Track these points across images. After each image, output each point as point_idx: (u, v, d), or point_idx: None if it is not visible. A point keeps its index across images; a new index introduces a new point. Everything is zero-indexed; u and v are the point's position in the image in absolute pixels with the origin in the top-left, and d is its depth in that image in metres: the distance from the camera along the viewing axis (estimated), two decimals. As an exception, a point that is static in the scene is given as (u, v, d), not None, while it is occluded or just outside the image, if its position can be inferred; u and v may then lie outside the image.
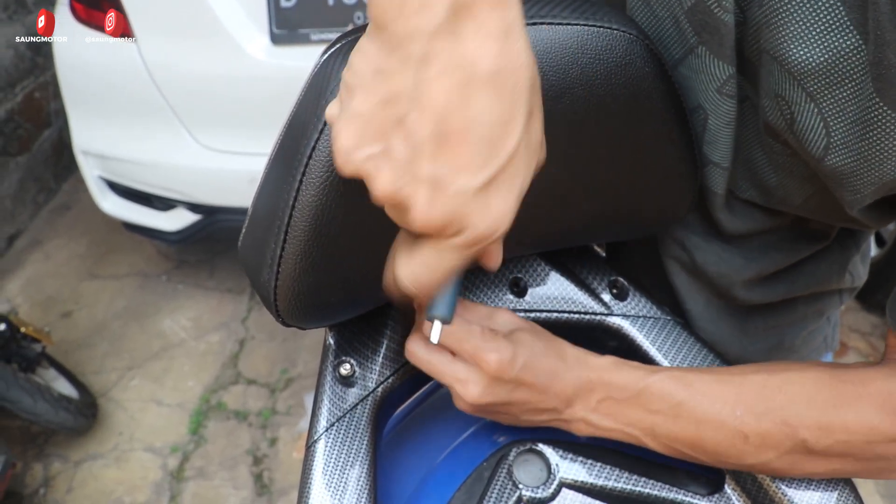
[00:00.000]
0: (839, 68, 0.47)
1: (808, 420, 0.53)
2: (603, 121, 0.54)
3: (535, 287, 0.67)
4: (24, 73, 2.72)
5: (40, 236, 2.77)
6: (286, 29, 1.81)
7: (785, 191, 0.59)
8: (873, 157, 0.47)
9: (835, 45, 0.47)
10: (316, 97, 0.48)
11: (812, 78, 0.48)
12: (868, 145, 0.47)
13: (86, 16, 1.91)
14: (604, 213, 0.61)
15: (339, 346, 0.63)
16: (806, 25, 0.47)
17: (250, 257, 0.57)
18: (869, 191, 0.50)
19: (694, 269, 0.70)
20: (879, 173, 0.48)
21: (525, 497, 0.61)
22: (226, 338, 2.35)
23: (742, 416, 0.55)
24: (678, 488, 0.63)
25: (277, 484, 1.96)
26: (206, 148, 1.97)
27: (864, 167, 0.49)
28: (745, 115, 0.58)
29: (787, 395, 0.54)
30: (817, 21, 0.47)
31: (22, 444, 2.05)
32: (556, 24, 0.50)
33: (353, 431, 0.60)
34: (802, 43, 0.48)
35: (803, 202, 0.59)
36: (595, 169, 0.57)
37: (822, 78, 0.48)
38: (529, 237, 0.61)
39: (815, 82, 0.48)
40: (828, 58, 0.47)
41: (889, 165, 0.47)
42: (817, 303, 0.75)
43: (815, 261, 0.70)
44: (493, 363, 0.54)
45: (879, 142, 0.46)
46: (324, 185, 0.48)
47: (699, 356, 0.65)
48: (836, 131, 0.49)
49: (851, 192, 0.51)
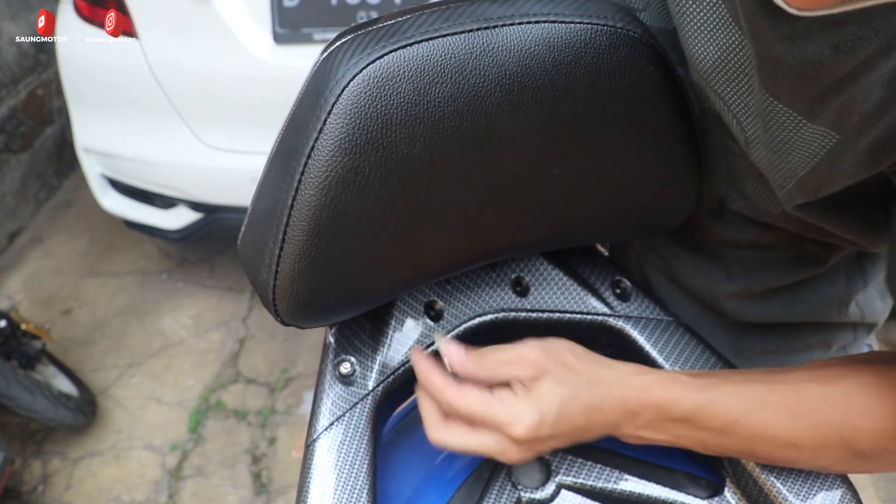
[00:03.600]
0: (731, 63, 0.48)
1: (863, 433, 0.52)
2: (606, 120, 0.54)
3: (538, 286, 0.67)
4: (28, 70, 2.72)
5: (41, 233, 2.77)
6: (289, 28, 1.81)
7: (762, 199, 0.58)
8: (780, 150, 0.48)
9: (723, 41, 0.48)
10: (315, 96, 0.48)
11: (713, 75, 0.50)
12: (772, 138, 0.48)
13: (89, 13, 1.91)
14: (607, 213, 0.61)
15: (339, 345, 0.63)
16: (698, 25, 0.49)
17: (249, 257, 0.57)
18: (790, 185, 0.49)
19: (674, 279, 0.69)
20: (790, 167, 0.48)
21: (524, 499, 0.61)
22: (226, 336, 2.35)
23: (795, 427, 0.53)
24: (678, 490, 0.62)
25: (276, 483, 1.96)
26: (207, 146, 1.97)
27: (777, 161, 0.49)
28: (706, 117, 0.58)
29: (843, 409, 0.52)
30: (706, 20, 0.48)
31: (21, 441, 2.05)
32: (561, 23, 0.50)
33: (352, 431, 0.60)
34: (698, 42, 0.50)
35: (781, 212, 0.57)
36: (598, 168, 0.56)
37: (720, 74, 0.50)
38: (532, 237, 0.61)
39: (716, 79, 0.50)
40: (720, 54, 0.49)
41: (795, 158, 0.47)
42: (822, 333, 0.73)
43: (813, 287, 0.68)
44: (522, 433, 0.52)
45: (779, 134, 0.47)
46: (322, 184, 0.48)
47: (702, 359, 0.65)
48: (747, 126, 0.50)
49: (779, 188, 0.51)
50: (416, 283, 0.61)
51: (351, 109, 0.46)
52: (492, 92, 0.49)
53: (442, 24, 0.48)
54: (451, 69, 0.48)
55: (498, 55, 0.48)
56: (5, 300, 2.46)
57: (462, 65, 0.48)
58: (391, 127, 0.48)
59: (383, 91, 0.47)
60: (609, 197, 0.59)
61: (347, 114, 0.47)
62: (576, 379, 0.55)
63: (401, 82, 0.47)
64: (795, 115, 0.45)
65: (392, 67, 0.47)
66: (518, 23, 0.49)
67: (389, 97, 0.47)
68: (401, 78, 0.47)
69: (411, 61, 0.47)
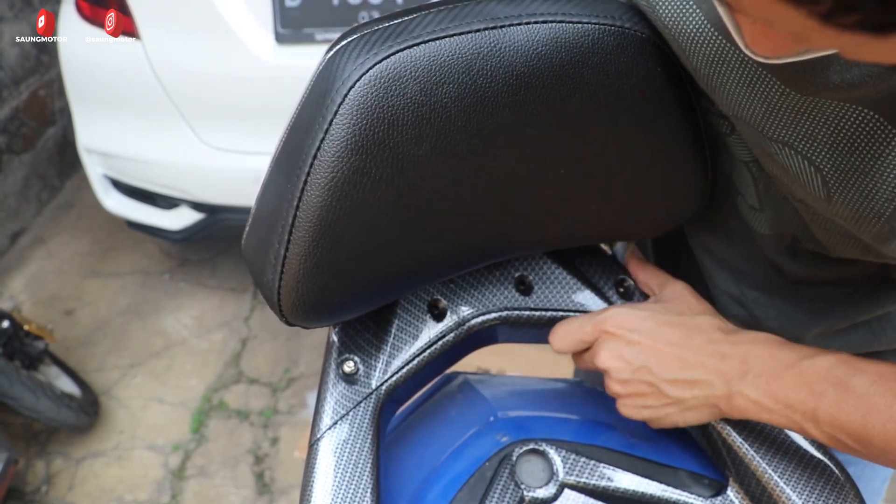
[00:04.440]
0: (785, 105, 0.47)
1: None
2: (613, 120, 0.53)
3: (541, 285, 0.67)
4: (30, 71, 2.72)
5: (43, 234, 2.77)
6: (291, 28, 1.81)
7: (835, 246, 0.55)
8: (870, 173, 0.45)
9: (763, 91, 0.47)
10: (321, 96, 0.48)
11: (769, 125, 0.48)
12: (860, 160, 0.45)
13: (91, 13, 1.91)
14: (612, 212, 0.61)
15: (342, 344, 0.63)
16: (736, 85, 0.48)
17: (254, 257, 0.57)
18: (878, 226, 0.46)
19: (756, 325, 0.66)
20: (881, 200, 0.45)
21: (527, 497, 0.61)
22: (228, 336, 2.35)
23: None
24: (681, 489, 0.62)
25: (278, 483, 1.96)
26: (209, 147, 1.98)
27: (865, 198, 0.46)
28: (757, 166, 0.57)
29: None
30: (743, 79, 0.47)
31: (24, 442, 2.05)
32: (568, 22, 0.50)
33: (356, 429, 0.60)
34: (743, 100, 0.48)
35: (861, 251, 0.53)
36: (604, 168, 0.56)
37: (774, 121, 0.48)
38: (537, 236, 0.61)
39: (774, 126, 0.48)
40: (766, 106, 0.47)
41: (887, 187, 0.45)
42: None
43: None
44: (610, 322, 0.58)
45: (868, 149, 0.45)
46: (329, 185, 0.48)
47: None
48: (824, 164, 0.47)
49: (868, 230, 0.48)
50: (420, 282, 0.61)
51: (358, 109, 0.46)
52: (499, 92, 0.49)
53: (449, 24, 0.48)
54: (458, 69, 0.48)
55: (505, 55, 0.48)
56: (8, 301, 2.46)
57: (469, 65, 0.48)
58: (398, 127, 0.47)
59: (390, 91, 0.47)
60: (613, 197, 0.59)
61: (354, 114, 0.46)
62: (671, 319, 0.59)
63: (408, 82, 0.47)
64: (885, 122, 0.43)
65: (399, 67, 0.47)
66: (525, 22, 0.49)
67: (396, 97, 0.47)
68: (408, 78, 0.47)
69: (418, 61, 0.47)
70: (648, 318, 0.58)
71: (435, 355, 0.64)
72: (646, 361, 0.57)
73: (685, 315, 0.59)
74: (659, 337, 0.57)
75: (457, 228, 0.55)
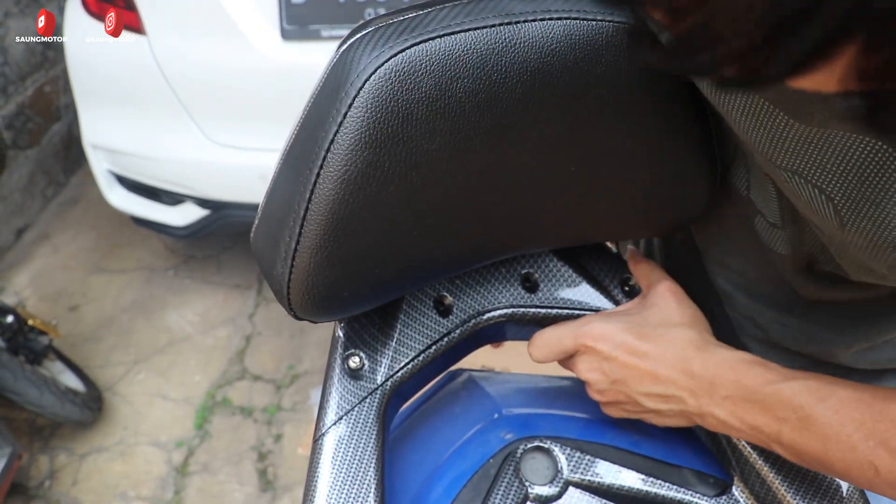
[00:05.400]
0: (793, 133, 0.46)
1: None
2: (623, 118, 0.53)
3: (547, 283, 0.67)
4: (35, 66, 2.73)
5: (49, 229, 2.77)
6: (297, 25, 1.82)
7: (852, 271, 0.53)
8: (884, 200, 0.44)
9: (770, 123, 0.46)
10: (334, 90, 0.48)
11: (777, 153, 0.47)
12: (877, 177, 0.44)
13: (97, 10, 1.91)
14: (620, 211, 0.60)
15: (348, 339, 0.63)
16: (741, 114, 0.47)
17: (263, 250, 0.57)
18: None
19: (774, 345, 0.66)
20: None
21: (531, 495, 0.61)
22: (232, 333, 2.35)
23: (874, 449, 0.49)
24: (686, 489, 0.62)
25: (282, 480, 1.96)
26: (215, 143, 1.98)
27: (882, 225, 0.45)
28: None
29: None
30: (747, 109, 0.47)
31: (28, 437, 2.06)
32: (583, 19, 0.50)
33: (361, 426, 0.60)
34: (749, 128, 0.47)
35: (879, 278, 0.51)
36: (614, 166, 0.56)
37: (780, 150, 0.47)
38: (546, 233, 0.61)
39: (781, 155, 0.47)
40: (772, 136, 0.46)
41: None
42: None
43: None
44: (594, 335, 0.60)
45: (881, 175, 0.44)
46: (342, 178, 0.48)
47: None
48: (835, 193, 0.46)
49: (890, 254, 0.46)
50: (429, 277, 0.61)
51: (372, 103, 0.46)
52: (513, 88, 0.49)
53: (464, 19, 0.48)
54: (472, 64, 0.47)
55: (520, 51, 0.48)
56: (13, 296, 2.47)
57: (484, 60, 0.48)
58: (412, 121, 0.47)
59: (405, 85, 0.46)
60: (622, 195, 0.59)
61: (368, 107, 0.46)
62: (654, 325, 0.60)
63: (422, 76, 0.47)
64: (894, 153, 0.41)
65: (414, 61, 0.46)
66: (540, 19, 0.49)
67: (411, 91, 0.47)
68: (422, 72, 0.47)
69: (433, 55, 0.47)
70: (626, 331, 0.59)
71: (440, 352, 0.64)
72: (621, 375, 0.59)
73: (662, 327, 0.59)
74: (634, 351, 0.58)
75: (467, 224, 0.55)
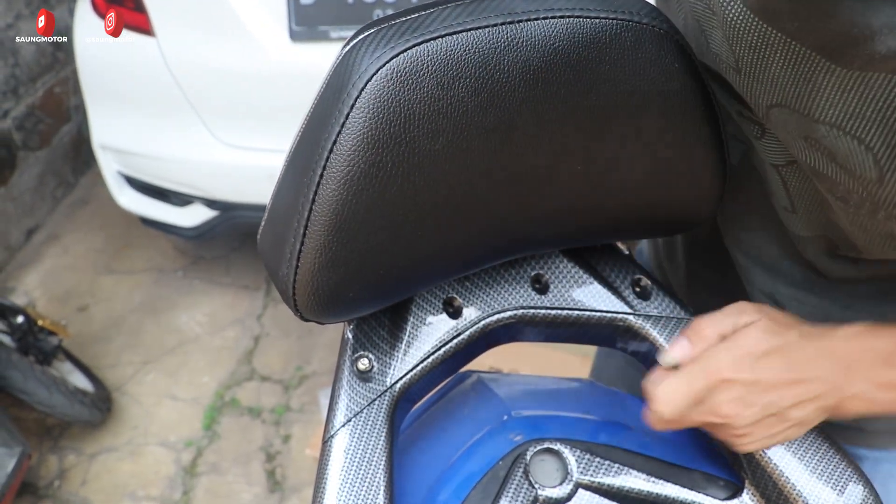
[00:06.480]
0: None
1: None
2: (630, 117, 0.53)
3: (557, 284, 0.67)
4: (45, 68, 2.74)
5: (58, 230, 2.79)
6: (305, 26, 1.82)
7: (873, 249, 0.54)
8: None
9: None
10: (338, 90, 0.48)
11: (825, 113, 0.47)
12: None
13: (105, 10, 1.92)
14: (628, 211, 0.60)
15: (357, 341, 0.63)
16: (781, 68, 0.47)
17: (269, 252, 0.57)
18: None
19: None
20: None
21: (541, 497, 0.61)
22: (241, 334, 2.35)
23: None
24: (696, 491, 0.62)
25: (290, 481, 1.96)
26: (224, 144, 1.98)
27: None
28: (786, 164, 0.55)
29: None
30: (787, 61, 0.46)
31: (37, 437, 2.07)
32: (586, 17, 0.49)
33: (370, 428, 0.60)
34: (788, 83, 0.47)
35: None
36: (620, 165, 0.56)
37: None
38: (553, 233, 0.60)
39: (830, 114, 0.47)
40: (812, 86, 0.46)
41: None
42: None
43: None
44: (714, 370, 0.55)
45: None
46: (345, 179, 0.48)
47: None
48: (875, 145, 0.46)
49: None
50: (436, 278, 0.61)
51: (374, 103, 0.46)
52: (515, 87, 0.48)
53: (466, 18, 0.48)
54: (474, 64, 0.47)
55: (522, 50, 0.48)
56: (23, 296, 2.48)
57: (486, 59, 0.47)
58: (414, 121, 0.47)
59: (407, 85, 0.46)
60: (630, 195, 0.58)
61: (370, 108, 0.46)
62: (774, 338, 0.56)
63: (424, 76, 0.47)
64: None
65: (416, 61, 0.46)
66: (542, 17, 0.48)
67: (413, 91, 0.47)
68: (424, 72, 0.46)
69: (435, 55, 0.47)
70: (746, 355, 0.56)
71: (450, 353, 0.64)
72: (768, 397, 0.55)
73: (766, 341, 0.56)
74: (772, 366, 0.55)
75: (473, 224, 0.55)
